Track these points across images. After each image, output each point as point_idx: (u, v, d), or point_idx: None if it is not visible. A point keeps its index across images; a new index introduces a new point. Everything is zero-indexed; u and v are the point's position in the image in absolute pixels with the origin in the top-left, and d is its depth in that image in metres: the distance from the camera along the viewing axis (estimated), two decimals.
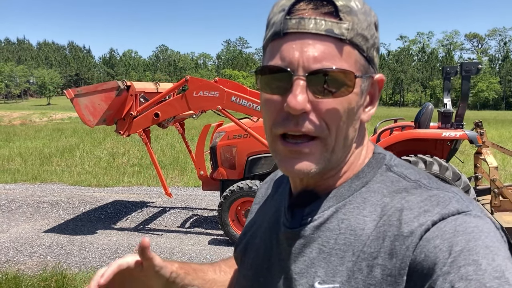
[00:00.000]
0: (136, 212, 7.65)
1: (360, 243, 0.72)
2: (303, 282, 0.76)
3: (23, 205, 8.05)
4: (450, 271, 0.60)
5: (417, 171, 0.78)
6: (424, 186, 0.74)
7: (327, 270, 0.73)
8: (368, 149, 0.83)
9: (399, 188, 0.74)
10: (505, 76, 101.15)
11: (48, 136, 19.90)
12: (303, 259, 0.77)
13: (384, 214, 0.72)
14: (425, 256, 0.64)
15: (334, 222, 0.76)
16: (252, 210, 1.04)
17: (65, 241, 6.11)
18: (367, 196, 0.76)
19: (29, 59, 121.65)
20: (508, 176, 10.68)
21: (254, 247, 0.92)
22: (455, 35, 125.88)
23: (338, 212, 0.76)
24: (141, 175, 11.08)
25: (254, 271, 0.88)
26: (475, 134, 5.65)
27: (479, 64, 5.56)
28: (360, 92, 0.74)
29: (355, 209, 0.75)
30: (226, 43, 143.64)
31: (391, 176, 0.77)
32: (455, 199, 0.69)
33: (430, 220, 0.66)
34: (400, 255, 0.67)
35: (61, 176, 10.98)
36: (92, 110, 5.87)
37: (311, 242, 0.77)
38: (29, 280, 4.72)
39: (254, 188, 5.80)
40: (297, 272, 0.77)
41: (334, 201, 0.78)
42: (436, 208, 0.68)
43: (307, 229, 0.78)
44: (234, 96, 5.91)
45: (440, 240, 0.64)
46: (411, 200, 0.71)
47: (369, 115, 0.79)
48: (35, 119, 32.99)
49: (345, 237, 0.74)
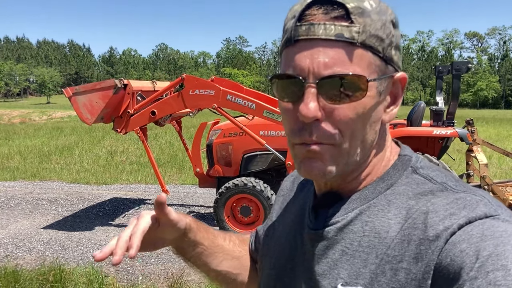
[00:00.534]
0: (133, 209, 7.75)
1: (384, 246, 0.71)
2: (326, 283, 0.76)
3: (22, 202, 8.16)
4: (477, 276, 0.58)
5: (444, 174, 0.77)
6: (450, 188, 0.72)
7: (350, 272, 0.73)
8: (393, 151, 0.81)
9: (424, 191, 0.73)
10: (504, 75, 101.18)
11: (47, 135, 20.00)
12: (326, 260, 0.77)
13: (409, 217, 0.71)
14: (451, 261, 0.62)
15: (358, 224, 0.75)
16: (276, 201, 1.04)
17: (63, 237, 6.22)
18: (392, 198, 0.75)
19: (28, 58, 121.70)
20: (503, 173, 10.78)
21: (278, 246, 0.92)
22: (455, 34, 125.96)
23: (362, 214, 0.76)
24: (139, 173, 11.18)
25: (278, 271, 0.89)
26: (465, 132, 5.77)
27: (469, 63, 5.68)
28: (377, 94, 0.72)
29: (380, 211, 0.74)
30: (226, 42, 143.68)
31: (417, 178, 0.76)
32: (483, 203, 0.67)
33: (456, 224, 0.65)
34: (425, 259, 0.65)
35: (60, 174, 11.08)
36: (90, 108, 5.96)
37: (334, 243, 0.77)
38: (28, 275, 4.82)
39: (250, 185, 5.91)
40: (320, 273, 0.77)
41: (358, 203, 0.77)
42: (463, 211, 0.66)
43: (330, 230, 0.78)
44: (230, 95, 6.01)
45: (466, 244, 0.62)
46: (436, 203, 0.69)
47: (391, 115, 0.77)
48: (35, 118, 33.04)
49: (369, 240, 0.73)
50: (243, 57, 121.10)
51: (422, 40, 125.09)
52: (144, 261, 5.38)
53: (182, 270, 5.07)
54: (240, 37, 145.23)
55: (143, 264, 5.31)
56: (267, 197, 5.88)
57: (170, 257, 5.49)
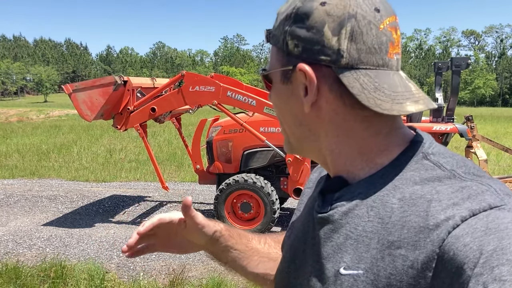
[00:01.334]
0: (133, 206, 7.75)
1: (386, 231, 0.71)
2: (329, 266, 0.76)
3: (21, 200, 8.15)
4: (482, 272, 0.57)
5: (456, 160, 0.75)
6: (458, 176, 0.71)
7: (353, 256, 0.73)
8: (406, 136, 0.80)
9: (431, 177, 0.72)
10: (501, 73, 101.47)
11: (45, 133, 19.96)
12: (331, 244, 0.78)
13: (413, 203, 0.70)
14: (454, 255, 0.61)
15: (363, 209, 0.75)
16: (303, 193, 1.05)
17: (64, 234, 6.22)
18: (399, 184, 0.74)
19: (25, 56, 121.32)
20: (501, 170, 10.82)
21: (296, 230, 0.94)
22: (452, 32, 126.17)
23: (368, 199, 0.76)
24: (138, 171, 11.18)
25: (292, 253, 0.90)
26: (465, 128, 5.78)
27: (469, 59, 5.69)
28: (283, 85, 0.81)
29: (385, 196, 0.74)
30: (224, 40, 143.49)
31: (426, 164, 0.74)
32: (489, 192, 0.66)
33: (459, 216, 0.64)
34: (423, 247, 0.65)
35: (59, 172, 11.07)
36: (89, 105, 5.96)
37: (339, 227, 0.77)
38: (29, 271, 4.82)
39: (250, 181, 5.91)
40: (325, 256, 0.78)
41: (365, 188, 0.77)
42: (467, 202, 0.65)
43: (335, 214, 0.78)
44: (230, 91, 6.01)
45: (470, 238, 0.61)
46: (441, 191, 0.69)
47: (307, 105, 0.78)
48: (32, 116, 32.97)
49: (372, 225, 0.73)
50: (241, 56, 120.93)
51: (420, 38, 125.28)
52: (145, 257, 5.39)
53: (183, 266, 5.09)
54: (237, 35, 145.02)
55: (144, 260, 5.31)
56: (268, 193, 5.89)
57: (171, 253, 5.49)
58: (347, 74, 0.73)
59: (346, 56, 0.72)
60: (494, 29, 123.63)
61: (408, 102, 0.73)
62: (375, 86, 0.73)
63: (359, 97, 0.72)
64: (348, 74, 0.73)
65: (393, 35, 0.75)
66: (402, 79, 0.76)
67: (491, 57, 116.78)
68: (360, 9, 0.72)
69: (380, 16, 0.73)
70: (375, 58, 0.73)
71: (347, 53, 0.72)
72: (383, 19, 0.74)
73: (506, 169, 11.06)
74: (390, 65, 0.75)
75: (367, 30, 0.72)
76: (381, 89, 0.73)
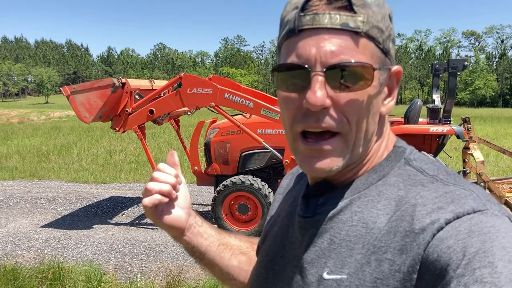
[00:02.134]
0: (132, 208, 7.77)
1: (371, 237, 0.71)
2: (313, 271, 0.76)
3: (21, 201, 8.17)
4: (464, 273, 0.58)
5: (436, 166, 0.76)
6: (441, 181, 0.72)
7: (336, 261, 0.73)
8: (389, 142, 0.82)
9: (415, 182, 0.73)
10: (502, 73, 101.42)
11: (46, 134, 19.99)
12: (315, 249, 0.77)
13: (398, 209, 0.71)
14: (438, 256, 0.62)
15: (348, 214, 0.75)
16: (275, 199, 1.05)
17: (62, 236, 6.24)
18: (383, 189, 0.75)
19: (27, 58, 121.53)
20: (500, 171, 10.83)
21: (272, 235, 0.93)
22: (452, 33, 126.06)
23: (352, 204, 0.76)
24: (138, 172, 11.19)
25: (270, 259, 0.89)
26: (462, 129, 5.81)
27: (465, 61, 5.71)
28: (378, 85, 0.74)
29: (370, 202, 0.74)
30: (224, 41, 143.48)
31: (409, 170, 0.76)
32: (472, 197, 0.67)
33: (443, 218, 0.65)
34: (410, 251, 0.66)
35: (59, 173, 11.09)
36: (88, 107, 5.98)
37: (323, 232, 0.77)
38: (27, 272, 4.84)
39: (247, 183, 5.93)
40: (308, 261, 0.77)
41: (350, 193, 0.77)
42: (451, 206, 0.66)
43: (320, 219, 0.78)
44: (227, 93, 6.03)
45: (454, 241, 0.62)
46: (425, 196, 0.70)
47: (388, 108, 0.78)
48: (33, 118, 32.99)
49: (356, 229, 0.73)
50: (241, 57, 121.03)
51: (420, 39, 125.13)
52: (142, 259, 5.41)
53: (180, 268, 5.10)
54: (238, 37, 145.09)
55: (142, 262, 5.33)
56: (265, 195, 5.91)
57: (168, 255, 5.52)
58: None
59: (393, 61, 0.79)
60: (495, 29, 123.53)
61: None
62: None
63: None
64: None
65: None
66: None
67: (492, 58, 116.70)
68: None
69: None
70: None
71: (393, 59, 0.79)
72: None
73: (505, 170, 11.06)
74: None
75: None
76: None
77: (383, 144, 0.80)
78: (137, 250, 5.67)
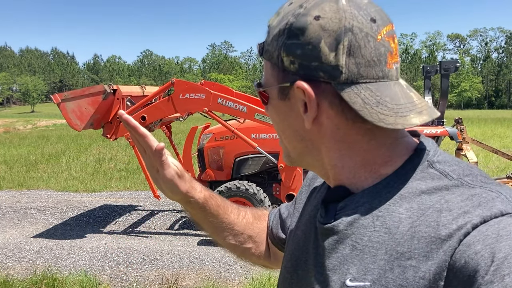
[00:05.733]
0: (124, 216, 7.67)
1: (394, 242, 0.69)
2: (335, 278, 0.75)
3: (10, 212, 8.02)
4: (493, 280, 0.57)
5: (462, 168, 0.74)
6: (466, 184, 0.70)
7: (359, 267, 0.72)
8: (409, 145, 0.79)
9: (439, 186, 0.71)
10: (487, 75, 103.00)
11: (33, 143, 19.73)
12: (336, 255, 0.76)
13: (422, 214, 0.69)
14: (465, 263, 0.60)
15: (369, 219, 0.74)
16: (301, 191, 1.05)
17: (54, 246, 6.12)
18: (405, 193, 0.73)
19: (11, 66, 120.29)
20: (490, 172, 10.92)
21: (296, 238, 0.92)
22: (437, 36, 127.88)
23: (373, 209, 0.74)
24: (129, 180, 11.07)
25: (294, 263, 0.89)
26: (455, 131, 5.84)
27: (457, 63, 5.76)
28: (280, 100, 0.79)
29: (391, 205, 0.73)
30: (211, 47, 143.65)
31: (432, 173, 0.73)
32: (499, 199, 0.65)
33: (470, 223, 0.63)
34: (436, 258, 0.64)
35: (48, 183, 10.93)
36: (79, 114, 5.90)
37: (344, 238, 0.76)
38: (19, 284, 4.74)
39: (242, 188, 5.88)
40: (330, 268, 0.76)
41: (370, 197, 0.76)
42: (477, 210, 0.64)
43: (340, 224, 0.77)
44: (220, 98, 5.98)
45: (481, 246, 0.60)
46: (451, 200, 0.68)
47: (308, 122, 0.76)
48: (19, 127, 32.63)
49: (379, 235, 0.72)
50: (229, 62, 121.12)
51: (406, 42, 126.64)
52: (137, 268, 5.32)
53: (176, 275, 5.03)
54: (225, 42, 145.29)
55: (137, 271, 5.25)
56: (260, 200, 5.86)
57: (163, 263, 5.44)
58: (348, 90, 0.71)
59: (345, 71, 0.70)
60: (479, 32, 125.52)
61: (412, 114, 0.71)
62: (377, 100, 0.71)
63: (362, 113, 0.70)
64: (349, 89, 0.71)
65: (391, 44, 0.73)
66: (403, 88, 0.74)
67: (476, 60, 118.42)
68: (356, 22, 0.70)
69: (377, 27, 0.71)
70: (375, 70, 0.71)
71: (346, 69, 0.70)
72: (380, 29, 0.71)
73: (495, 170, 11.17)
74: (390, 76, 0.73)
75: (365, 43, 0.70)
76: (383, 103, 0.71)
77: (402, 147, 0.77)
78: (132, 259, 5.58)
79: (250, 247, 1.15)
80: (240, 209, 1.16)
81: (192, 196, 1.04)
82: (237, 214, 1.14)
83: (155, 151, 0.95)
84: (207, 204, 1.07)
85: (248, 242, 1.15)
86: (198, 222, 1.12)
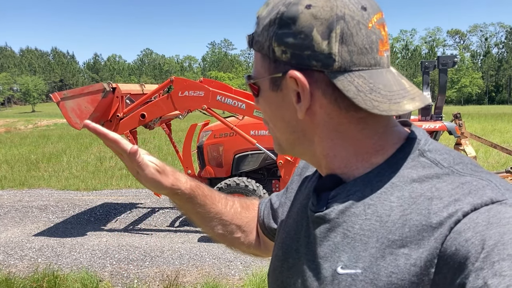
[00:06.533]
0: (125, 214, 7.70)
1: (385, 230, 0.70)
2: (327, 266, 0.75)
3: (11, 211, 8.05)
4: (483, 266, 0.57)
5: (452, 156, 0.75)
6: (457, 172, 0.71)
7: (350, 255, 0.73)
8: (401, 134, 0.79)
9: (430, 174, 0.71)
10: (487, 71, 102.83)
11: (34, 143, 19.77)
12: (328, 243, 0.77)
13: (413, 202, 0.69)
14: (456, 250, 0.61)
15: (360, 207, 0.74)
16: (292, 180, 1.05)
17: (56, 244, 6.15)
18: (396, 181, 0.73)
19: (12, 66, 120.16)
20: (489, 167, 10.93)
21: (287, 227, 0.93)
22: (437, 32, 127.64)
23: (365, 197, 0.75)
24: (129, 178, 11.09)
25: (285, 251, 0.89)
26: (453, 125, 5.85)
27: (455, 58, 5.77)
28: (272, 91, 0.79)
29: (383, 194, 0.73)
30: (211, 45, 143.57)
31: (423, 161, 0.74)
32: (490, 187, 0.66)
33: (461, 211, 0.64)
34: (427, 246, 0.65)
35: (49, 181, 10.96)
36: (78, 113, 5.91)
37: (335, 226, 0.76)
38: (21, 282, 4.76)
39: (242, 184, 5.91)
40: (322, 256, 0.77)
41: (361, 185, 0.76)
42: (468, 197, 0.65)
43: (332, 213, 0.77)
44: (219, 95, 6.00)
45: (472, 233, 0.61)
46: (441, 188, 0.68)
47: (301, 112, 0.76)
48: (20, 127, 32.65)
49: (370, 223, 0.72)
50: (229, 60, 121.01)
51: (406, 39, 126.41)
52: (138, 265, 5.35)
53: (177, 272, 5.06)
54: (225, 40, 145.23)
55: (138, 268, 5.28)
56: (260, 196, 5.88)
57: (164, 260, 5.47)
58: (341, 78, 0.71)
59: (338, 59, 0.70)
60: (479, 28, 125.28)
61: (405, 100, 0.72)
62: (370, 87, 0.71)
63: (356, 100, 0.70)
64: (342, 77, 0.71)
65: (382, 32, 0.74)
66: (394, 76, 0.75)
67: (476, 56, 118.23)
68: (347, 10, 0.70)
69: (368, 15, 0.71)
70: (367, 58, 0.72)
71: (339, 57, 0.70)
72: (371, 17, 0.72)
73: (494, 165, 11.18)
74: (382, 63, 0.74)
75: (357, 31, 0.70)
76: (376, 90, 0.71)
77: (393, 136, 0.78)
78: (133, 256, 5.61)
79: (239, 236, 1.16)
80: (228, 199, 1.17)
81: (178, 188, 1.04)
82: (225, 204, 1.14)
83: (129, 155, 0.96)
84: (194, 194, 1.08)
85: (236, 231, 1.15)
86: (186, 213, 1.13)
